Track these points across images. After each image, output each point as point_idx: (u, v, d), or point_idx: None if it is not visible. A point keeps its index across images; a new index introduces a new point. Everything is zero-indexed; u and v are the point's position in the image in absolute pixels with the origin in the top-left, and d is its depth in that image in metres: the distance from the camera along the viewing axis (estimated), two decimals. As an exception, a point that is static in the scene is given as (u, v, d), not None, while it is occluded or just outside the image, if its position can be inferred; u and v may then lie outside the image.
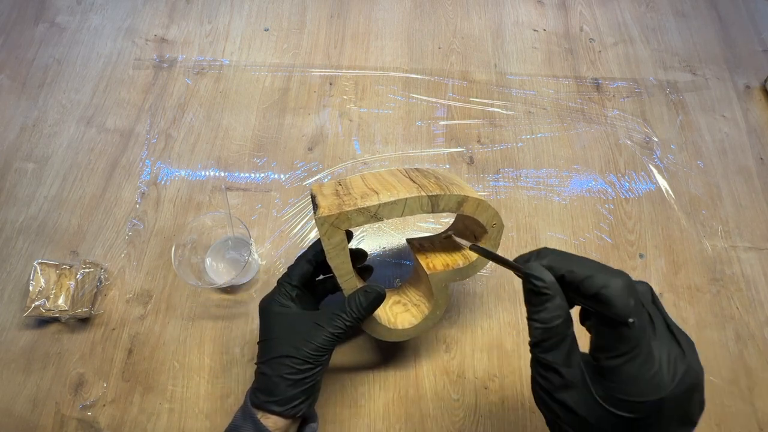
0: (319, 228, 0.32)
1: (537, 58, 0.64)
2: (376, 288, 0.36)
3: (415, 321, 0.40)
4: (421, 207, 0.33)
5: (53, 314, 0.45)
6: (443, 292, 0.39)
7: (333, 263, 0.34)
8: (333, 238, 0.33)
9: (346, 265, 0.35)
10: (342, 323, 0.35)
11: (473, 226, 0.40)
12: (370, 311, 0.36)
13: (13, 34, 0.64)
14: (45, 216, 0.52)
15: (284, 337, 0.35)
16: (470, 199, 0.35)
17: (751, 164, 0.58)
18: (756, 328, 0.49)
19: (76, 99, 0.60)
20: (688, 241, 0.53)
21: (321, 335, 0.34)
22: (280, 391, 0.33)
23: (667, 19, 0.69)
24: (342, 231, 0.33)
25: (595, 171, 0.57)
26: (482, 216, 0.36)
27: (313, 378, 0.34)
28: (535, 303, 0.24)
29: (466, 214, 0.36)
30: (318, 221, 0.32)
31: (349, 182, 0.36)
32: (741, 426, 0.44)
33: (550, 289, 0.24)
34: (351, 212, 0.32)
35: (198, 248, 0.48)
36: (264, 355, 0.35)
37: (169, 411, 0.44)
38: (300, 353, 0.34)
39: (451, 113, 0.60)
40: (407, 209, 0.33)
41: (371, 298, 0.35)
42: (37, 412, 0.44)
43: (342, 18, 0.66)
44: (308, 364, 0.34)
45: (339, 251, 0.34)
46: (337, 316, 0.35)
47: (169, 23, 0.65)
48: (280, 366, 0.34)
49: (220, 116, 0.59)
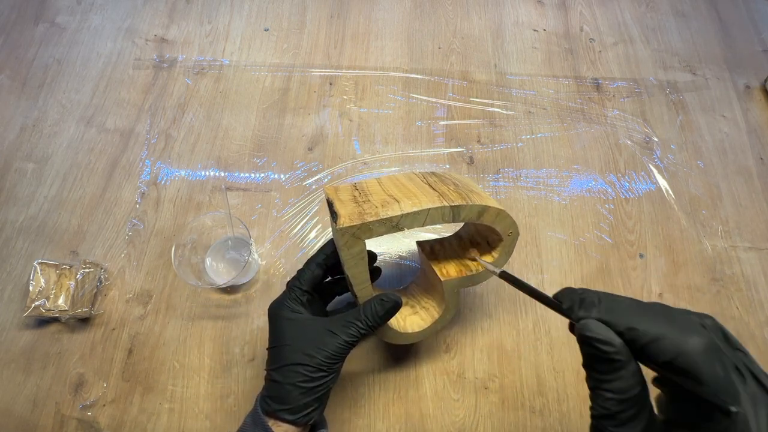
0: (339, 238, 0.31)
1: (537, 58, 0.64)
2: (392, 297, 0.35)
3: (425, 324, 0.40)
4: (443, 217, 0.32)
5: (53, 314, 0.45)
6: (455, 297, 0.39)
7: (350, 272, 0.33)
8: (353, 248, 0.32)
9: (363, 274, 0.34)
10: (356, 331, 0.34)
11: (487, 232, 0.39)
12: (386, 320, 0.35)
13: (13, 34, 0.64)
14: (45, 216, 0.52)
15: (296, 344, 0.34)
16: (491, 209, 0.34)
17: (751, 164, 0.58)
18: (756, 328, 0.49)
19: (76, 99, 0.60)
20: (688, 241, 0.53)
21: (335, 343, 0.33)
22: (292, 399, 0.33)
23: (667, 19, 0.69)
24: (362, 241, 0.31)
25: (595, 171, 0.57)
26: (500, 225, 0.36)
27: (326, 386, 0.34)
28: (604, 371, 0.20)
29: (485, 223, 0.35)
30: (339, 232, 0.30)
31: (366, 187, 0.35)
32: (741, 426, 0.44)
33: (622, 355, 0.20)
34: (373, 223, 0.30)
35: (198, 248, 0.48)
36: (275, 362, 0.34)
37: (169, 411, 0.44)
38: (313, 361, 0.33)
39: (451, 113, 0.60)
40: (429, 219, 0.32)
41: (387, 308, 0.35)
42: (37, 412, 0.44)
43: (342, 18, 0.66)
44: (321, 372, 0.33)
45: (358, 261, 0.33)
46: (352, 324, 0.34)
47: (169, 23, 0.65)
48: (292, 374, 0.33)
49: (220, 116, 0.59)
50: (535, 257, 0.51)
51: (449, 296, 0.38)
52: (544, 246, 0.52)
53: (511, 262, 0.51)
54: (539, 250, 0.52)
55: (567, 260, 0.51)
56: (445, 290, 0.38)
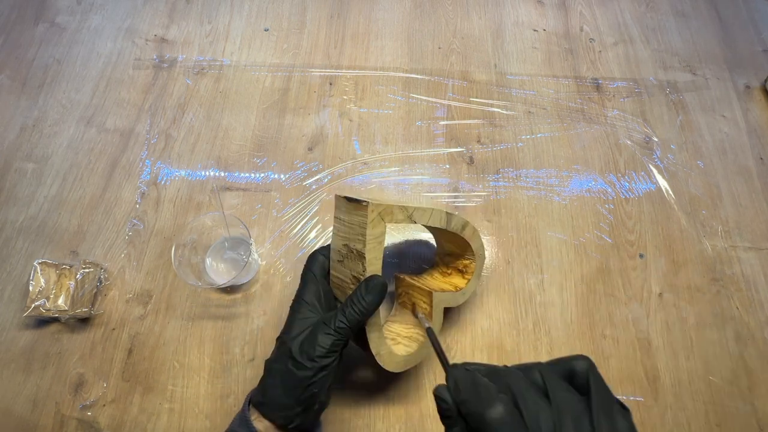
0: (369, 215, 0.33)
1: (537, 58, 0.64)
2: (377, 277, 0.33)
3: (411, 350, 0.40)
4: (440, 220, 0.40)
5: (53, 314, 0.45)
6: (440, 315, 0.42)
7: (368, 255, 0.34)
8: (376, 228, 0.34)
9: (378, 262, 0.35)
10: (343, 318, 0.32)
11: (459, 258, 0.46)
12: (374, 303, 0.33)
13: (13, 34, 0.64)
14: (45, 216, 0.52)
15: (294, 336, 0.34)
16: (470, 225, 0.43)
17: (751, 164, 0.58)
18: (756, 328, 0.49)
19: (76, 99, 0.60)
20: (688, 241, 0.53)
21: (323, 333, 0.32)
22: (272, 396, 0.32)
23: (667, 19, 0.69)
24: (384, 224, 0.35)
25: (595, 171, 0.57)
26: (475, 242, 0.44)
27: (308, 389, 0.32)
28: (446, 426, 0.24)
29: (465, 237, 0.42)
30: (369, 207, 0.33)
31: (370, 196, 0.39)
32: (741, 426, 0.44)
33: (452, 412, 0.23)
34: (395, 207, 0.35)
35: (198, 248, 0.48)
36: (273, 352, 0.34)
37: (169, 411, 0.44)
38: (301, 356, 0.32)
39: (451, 113, 0.60)
40: (432, 218, 0.39)
41: (372, 286, 0.33)
42: (37, 412, 0.44)
43: (342, 18, 0.66)
44: (305, 370, 0.32)
45: (376, 244, 0.35)
46: (340, 310, 0.33)
47: (169, 23, 0.65)
48: (278, 370, 0.33)
49: (220, 116, 0.59)
50: (535, 257, 0.51)
51: (436, 314, 0.41)
52: (544, 246, 0.52)
53: (512, 262, 0.51)
54: (539, 250, 0.52)
55: (567, 260, 0.51)
56: (434, 305, 0.41)
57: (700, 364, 0.47)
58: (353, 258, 0.35)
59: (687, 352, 0.47)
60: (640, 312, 0.49)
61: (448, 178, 0.56)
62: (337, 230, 0.37)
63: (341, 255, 0.37)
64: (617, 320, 0.49)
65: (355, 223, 0.34)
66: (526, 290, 0.50)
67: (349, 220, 0.35)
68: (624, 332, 0.48)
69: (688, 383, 0.46)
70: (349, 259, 0.36)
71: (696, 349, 0.48)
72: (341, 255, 0.37)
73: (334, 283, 0.38)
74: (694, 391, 0.46)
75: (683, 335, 0.48)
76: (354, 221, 0.35)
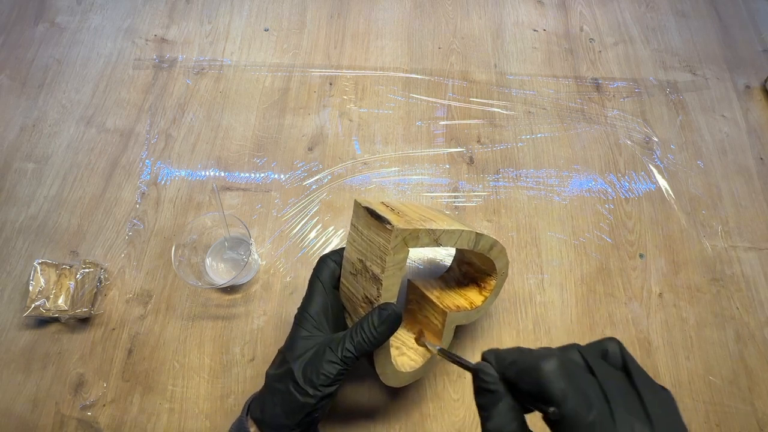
0: (392, 240, 0.30)
1: (537, 58, 0.64)
2: (391, 306, 0.31)
3: (416, 364, 0.39)
4: (468, 242, 0.36)
5: (53, 314, 0.45)
6: (450, 333, 0.40)
7: (385, 282, 0.31)
8: (398, 254, 0.31)
9: (394, 288, 0.32)
10: (351, 347, 0.31)
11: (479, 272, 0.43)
12: (385, 334, 0.31)
13: (13, 34, 0.64)
14: (45, 216, 0.52)
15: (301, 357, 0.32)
16: (499, 244, 0.39)
17: (751, 164, 0.58)
18: (756, 328, 0.49)
19: (76, 99, 0.60)
20: (688, 241, 0.53)
21: (328, 361, 0.31)
22: (272, 414, 0.31)
23: (667, 19, 0.69)
24: (407, 249, 0.31)
25: (595, 171, 0.57)
26: (501, 261, 0.40)
27: (311, 415, 0.31)
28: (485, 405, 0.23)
29: (491, 257, 0.39)
30: (394, 232, 0.30)
31: (396, 205, 0.35)
32: (741, 426, 0.44)
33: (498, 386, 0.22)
34: (421, 232, 0.31)
35: (198, 248, 0.48)
36: (274, 366, 0.33)
37: (169, 411, 0.44)
38: (304, 381, 0.30)
39: (451, 113, 0.60)
40: (460, 241, 0.35)
41: (385, 317, 0.31)
42: (37, 412, 0.44)
43: (342, 18, 0.66)
44: (308, 398, 0.30)
45: (396, 270, 0.31)
46: (348, 338, 0.31)
47: (169, 23, 0.65)
48: (280, 390, 0.31)
49: (220, 116, 0.59)
50: (535, 257, 0.51)
51: (447, 332, 0.39)
52: (544, 246, 0.52)
53: (512, 262, 0.51)
54: (539, 250, 0.52)
55: (567, 260, 0.51)
56: (447, 324, 0.38)
57: (700, 364, 0.47)
58: (368, 278, 0.32)
59: (687, 352, 0.47)
60: (640, 312, 0.49)
61: (448, 178, 0.56)
62: (353, 240, 0.33)
63: (355, 269, 0.34)
64: (617, 320, 0.49)
65: (375, 243, 0.31)
66: (526, 290, 0.50)
67: (368, 236, 0.32)
68: (624, 332, 0.48)
69: (687, 383, 0.46)
70: (363, 277, 0.33)
71: (696, 349, 0.48)
72: (355, 269, 0.34)
73: (344, 293, 0.36)
74: (694, 391, 0.46)
75: (683, 335, 0.48)
76: (373, 240, 0.31)
